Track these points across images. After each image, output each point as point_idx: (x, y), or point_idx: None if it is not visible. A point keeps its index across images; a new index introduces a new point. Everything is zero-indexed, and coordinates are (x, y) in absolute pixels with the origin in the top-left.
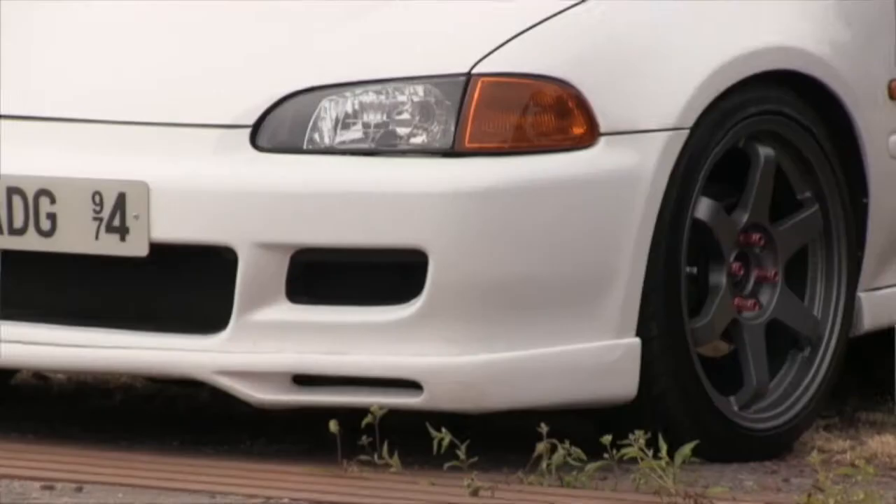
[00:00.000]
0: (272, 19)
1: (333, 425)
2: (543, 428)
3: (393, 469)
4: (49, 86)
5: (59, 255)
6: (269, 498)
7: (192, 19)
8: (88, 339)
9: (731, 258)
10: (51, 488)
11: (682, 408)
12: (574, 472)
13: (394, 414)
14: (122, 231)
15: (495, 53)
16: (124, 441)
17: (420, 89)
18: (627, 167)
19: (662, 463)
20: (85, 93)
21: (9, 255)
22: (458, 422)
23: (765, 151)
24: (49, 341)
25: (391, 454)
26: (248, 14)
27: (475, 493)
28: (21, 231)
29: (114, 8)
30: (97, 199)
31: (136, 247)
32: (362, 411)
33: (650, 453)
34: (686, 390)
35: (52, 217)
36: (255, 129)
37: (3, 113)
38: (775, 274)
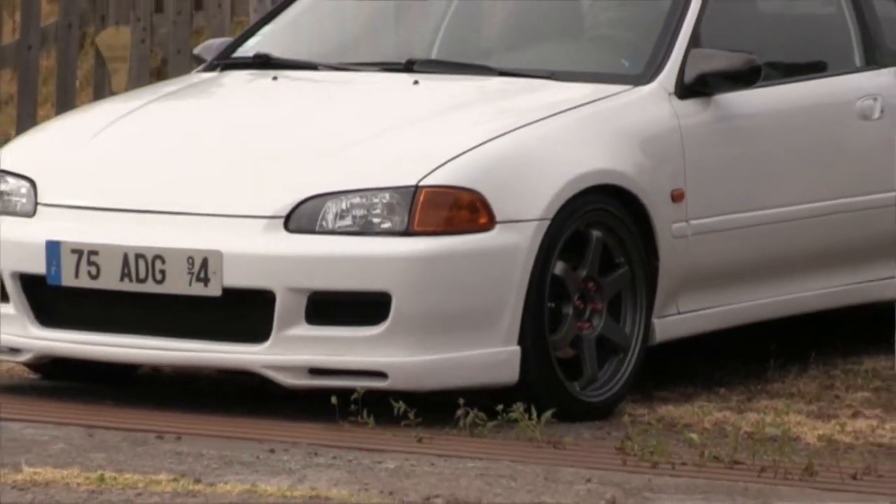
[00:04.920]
0: (295, 147)
1: (334, 399)
2: (461, 401)
3: (370, 426)
4: (160, 189)
5: (166, 295)
6: (294, 443)
7: (240, 142)
8: (184, 346)
9: (576, 297)
10: (161, 437)
11: (545, 389)
12: (479, 428)
13: (370, 392)
14: (206, 280)
15: (433, 173)
16: (206, 408)
17: (387, 195)
18: (513, 243)
19: (534, 422)
20: (179, 194)
21: (128, 296)
22: (410, 397)
23: (596, 233)
24: (161, 347)
25: (369, 417)
26: (277, 141)
27: (420, 441)
28: (143, 280)
29: (186, 137)
30: (190, 261)
31: (214, 290)
32: (351, 390)
33: (526, 416)
34: (548, 378)
35: (162, 272)
36: (287, 219)
37: (130, 208)
38: (602, 307)
